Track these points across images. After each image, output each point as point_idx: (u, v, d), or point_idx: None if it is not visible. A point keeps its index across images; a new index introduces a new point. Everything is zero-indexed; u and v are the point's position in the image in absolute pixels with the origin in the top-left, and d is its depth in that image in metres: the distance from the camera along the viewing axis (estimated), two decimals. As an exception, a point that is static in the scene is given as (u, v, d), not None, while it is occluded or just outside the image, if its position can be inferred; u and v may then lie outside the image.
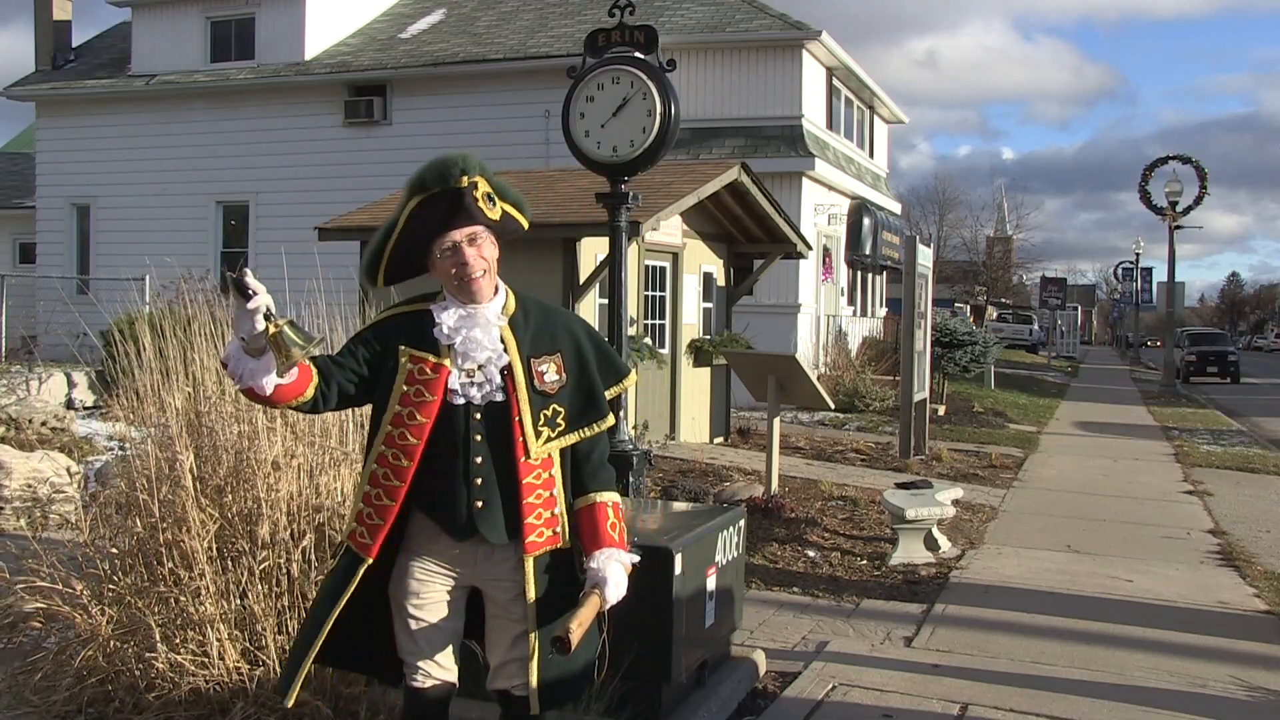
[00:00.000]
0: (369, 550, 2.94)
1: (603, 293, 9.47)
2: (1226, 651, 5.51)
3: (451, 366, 2.91)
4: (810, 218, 18.68)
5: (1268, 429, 17.94)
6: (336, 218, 12.16)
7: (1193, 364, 33.12)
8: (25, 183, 24.04)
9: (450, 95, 18.76)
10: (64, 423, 10.28)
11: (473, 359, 2.91)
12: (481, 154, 3.18)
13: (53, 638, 4.41)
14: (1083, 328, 67.78)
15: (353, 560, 2.97)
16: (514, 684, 3.03)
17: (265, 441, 4.35)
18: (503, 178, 3.10)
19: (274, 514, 4.19)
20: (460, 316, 2.92)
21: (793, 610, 6.07)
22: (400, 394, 2.90)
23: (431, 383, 2.89)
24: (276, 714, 3.82)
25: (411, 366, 2.91)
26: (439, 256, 2.90)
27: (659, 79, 6.01)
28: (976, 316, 45.11)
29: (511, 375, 2.92)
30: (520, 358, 2.94)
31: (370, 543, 2.94)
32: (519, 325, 2.97)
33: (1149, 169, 27.71)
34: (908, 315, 11.67)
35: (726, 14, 19.23)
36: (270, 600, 4.08)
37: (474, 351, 2.91)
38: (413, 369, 2.91)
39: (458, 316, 2.92)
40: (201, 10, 20.76)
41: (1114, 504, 9.79)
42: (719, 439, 13.10)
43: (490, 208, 2.93)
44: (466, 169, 2.89)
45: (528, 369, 2.94)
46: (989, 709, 4.54)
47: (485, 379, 2.91)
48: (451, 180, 2.88)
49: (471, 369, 2.91)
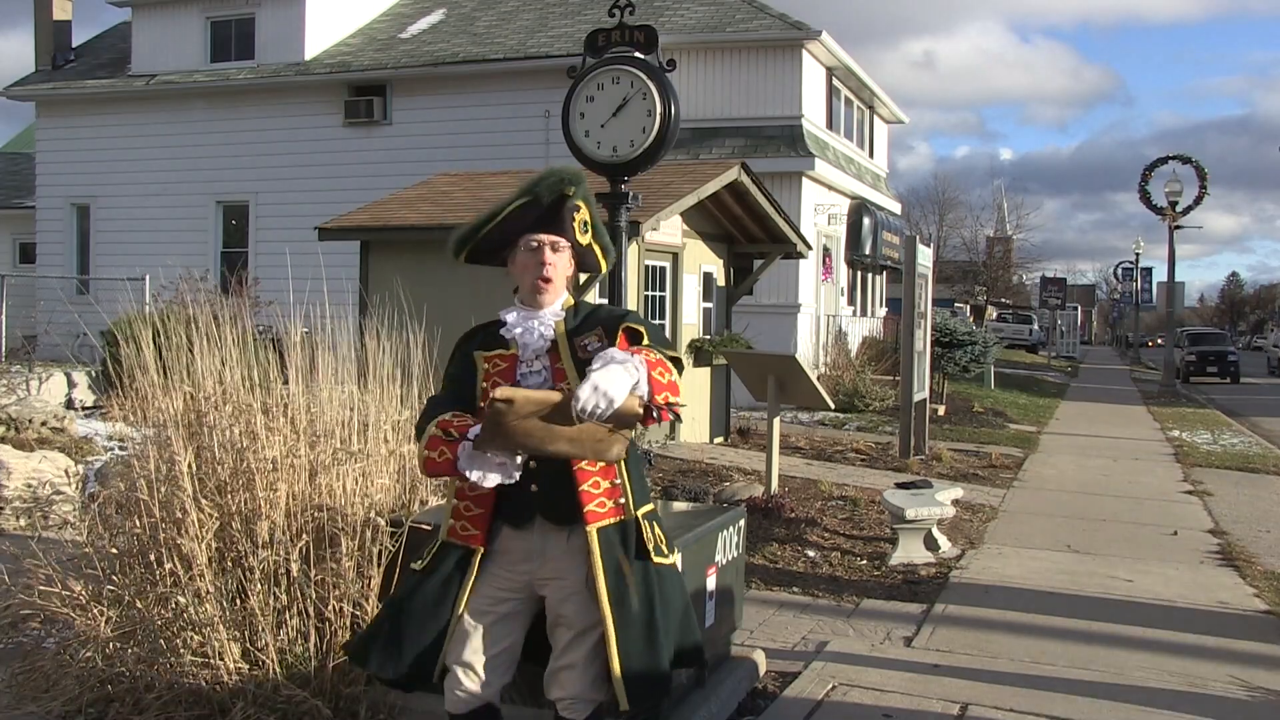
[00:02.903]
0: (476, 540, 3.06)
1: (603, 293, 9.46)
2: (1226, 651, 5.50)
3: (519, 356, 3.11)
4: (810, 218, 18.68)
5: (1267, 429, 17.93)
6: (337, 217, 12.16)
7: (1193, 364, 33.13)
8: (25, 183, 24.04)
9: (450, 95, 18.76)
10: (64, 423, 10.28)
11: (530, 347, 3.10)
12: (481, 154, 3.23)
13: (52, 638, 4.41)
14: (1082, 328, 67.79)
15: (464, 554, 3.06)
16: (559, 698, 2.99)
17: (265, 441, 4.35)
18: (502, 178, 3.14)
19: (274, 514, 4.19)
20: (523, 316, 3.14)
21: (793, 610, 6.07)
22: (480, 391, 3.10)
23: (504, 372, 3.10)
24: (276, 714, 3.82)
25: (486, 365, 3.13)
26: (522, 250, 3.13)
27: (659, 79, 6.01)
28: (976, 316, 45.10)
29: (558, 354, 3.09)
30: (566, 337, 3.11)
31: (476, 532, 3.06)
32: (571, 317, 3.17)
33: (1149, 169, 27.72)
34: (908, 315, 11.66)
35: (726, 14, 19.23)
36: (270, 600, 4.07)
37: (531, 340, 3.10)
38: (487, 366, 3.13)
39: (521, 315, 3.15)
40: (201, 10, 20.76)
41: (1114, 504, 9.79)
42: (719, 439, 13.10)
43: (582, 234, 3.19)
44: (576, 184, 3.13)
45: (570, 345, 3.09)
46: (989, 709, 4.53)
47: (541, 366, 3.09)
48: (561, 187, 3.11)
49: (530, 358, 3.10)
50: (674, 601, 3.08)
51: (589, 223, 3.22)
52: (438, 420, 3.01)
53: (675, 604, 3.09)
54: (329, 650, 4.03)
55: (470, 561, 3.04)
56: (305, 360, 4.68)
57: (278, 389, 4.63)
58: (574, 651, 2.98)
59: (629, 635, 2.93)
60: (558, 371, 3.06)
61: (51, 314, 12.31)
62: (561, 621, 3.02)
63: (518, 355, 3.10)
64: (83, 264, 21.31)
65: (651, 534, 3.07)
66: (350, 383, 4.82)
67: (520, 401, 2.79)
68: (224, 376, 4.57)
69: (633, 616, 2.95)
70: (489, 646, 3.01)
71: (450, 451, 2.94)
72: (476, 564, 3.04)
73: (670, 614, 3.05)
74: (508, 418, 2.78)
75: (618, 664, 2.90)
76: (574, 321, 3.15)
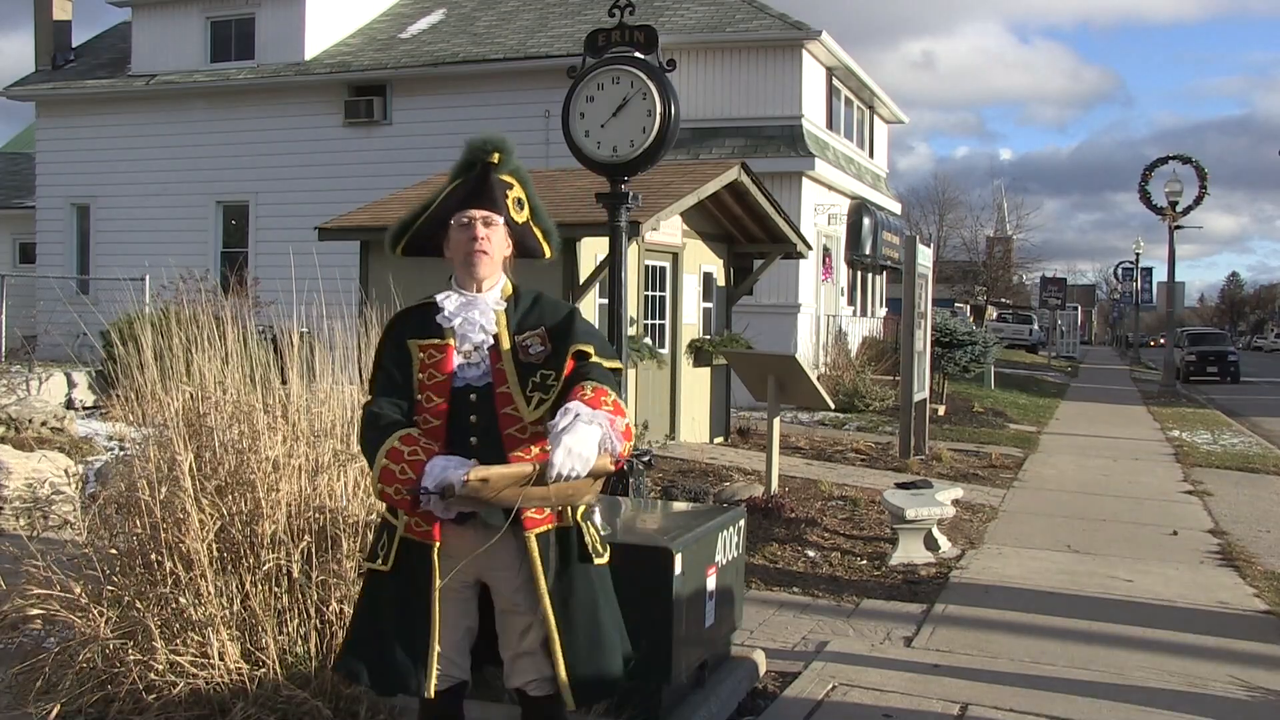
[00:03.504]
0: (431, 536, 2.99)
1: (603, 293, 9.46)
2: (1226, 651, 5.50)
3: (455, 347, 3.02)
4: (810, 218, 18.67)
5: (1267, 429, 17.93)
6: (337, 217, 12.15)
7: (1193, 364, 33.12)
8: (25, 183, 24.03)
9: (450, 95, 18.76)
10: (64, 423, 10.28)
11: (470, 340, 3.02)
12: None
13: (52, 638, 4.41)
14: (1082, 328, 67.79)
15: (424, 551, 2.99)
16: (527, 680, 3.03)
17: (266, 442, 4.35)
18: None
19: (274, 514, 4.19)
20: (461, 303, 3.05)
21: (793, 610, 6.07)
22: (418, 382, 3.02)
23: (440, 363, 3.01)
24: (277, 714, 3.82)
25: (421, 355, 3.03)
26: (454, 228, 3.05)
27: (659, 79, 6.01)
28: (976, 316, 45.08)
29: (499, 353, 3.01)
30: (508, 335, 3.04)
31: (429, 528, 2.99)
32: (511, 310, 3.08)
33: (1149, 169, 27.71)
34: (908, 315, 11.66)
35: (726, 14, 19.23)
36: (271, 600, 4.07)
37: (471, 333, 3.03)
38: (423, 356, 3.03)
39: (458, 303, 3.05)
40: (201, 10, 20.75)
41: (1114, 504, 9.79)
42: (719, 439, 13.10)
43: (517, 210, 3.10)
44: (500, 149, 3.05)
45: (514, 345, 3.03)
46: (989, 709, 4.53)
47: (480, 359, 3.02)
48: (483, 154, 3.03)
49: (469, 350, 3.02)
50: (615, 598, 3.14)
51: (524, 200, 3.13)
52: (388, 450, 2.88)
53: (616, 601, 3.14)
54: (329, 651, 4.03)
55: (430, 559, 3.00)
56: (305, 360, 4.68)
57: (277, 389, 4.63)
58: (531, 639, 3.02)
59: (574, 637, 2.97)
60: (498, 373, 3.00)
61: (51, 314, 12.33)
62: (516, 610, 3.02)
63: (454, 346, 3.02)
64: (83, 264, 21.30)
65: (589, 536, 3.09)
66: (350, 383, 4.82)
67: (495, 479, 2.72)
68: (225, 376, 4.57)
69: (577, 619, 2.99)
70: (454, 630, 3.05)
71: (407, 489, 2.84)
72: (437, 561, 3.00)
73: (615, 611, 3.11)
74: (483, 494, 2.73)
75: (563, 667, 2.95)
76: (515, 315, 3.07)
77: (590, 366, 2.97)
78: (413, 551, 3.01)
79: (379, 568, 3.06)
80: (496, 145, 3.05)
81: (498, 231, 3.05)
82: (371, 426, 2.96)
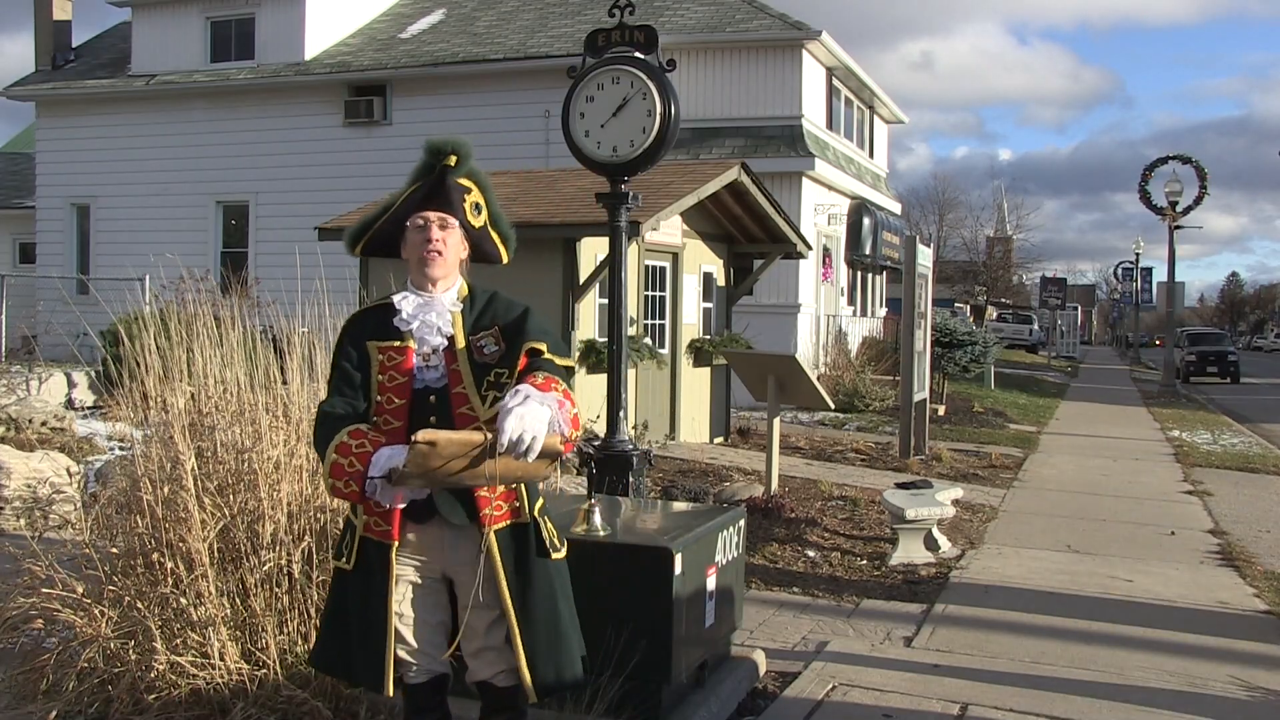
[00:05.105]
0: (390, 535, 3.03)
1: (603, 293, 9.47)
2: (1226, 651, 5.51)
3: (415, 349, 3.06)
4: (810, 218, 18.68)
5: (1267, 429, 17.94)
6: (337, 217, 12.15)
7: (1193, 364, 33.11)
8: (25, 183, 24.04)
9: (450, 95, 18.77)
10: (64, 423, 10.28)
11: (428, 343, 3.06)
12: (481, 154, 3.23)
13: (53, 638, 4.40)
14: (1083, 328, 67.81)
15: (381, 550, 3.03)
16: (494, 672, 3.09)
17: (267, 442, 4.35)
18: (503, 178, 3.15)
19: (276, 514, 4.19)
20: (418, 304, 3.08)
21: (793, 610, 6.07)
22: (377, 384, 3.05)
23: (400, 365, 3.04)
24: (277, 714, 3.82)
25: (381, 357, 3.06)
26: (410, 230, 3.10)
27: (659, 79, 6.01)
28: (976, 316, 45.09)
29: (454, 354, 3.05)
30: (464, 336, 3.08)
31: (388, 527, 3.03)
32: (467, 310, 3.12)
33: (1149, 169, 27.70)
34: (908, 315, 11.67)
35: (726, 14, 19.23)
36: (272, 601, 4.08)
37: (429, 336, 3.06)
38: (382, 359, 3.06)
39: (416, 304, 3.09)
40: (201, 10, 20.76)
41: (1114, 504, 9.79)
42: (719, 439, 13.10)
43: (475, 215, 3.13)
44: (457, 151, 3.10)
45: (469, 345, 3.06)
46: (989, 709, 4.54)
47: (438, 362, 3.05)
48: (440, 156, 3.09)
49: (427, 353, 3.06)
50: (571, 592, 3.19)
51: (482, 205, 3.17)
52: (337, 444, 2.92)
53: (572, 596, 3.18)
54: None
55: (388, 557, 3.04)
56: (305, 360, 4.68)
57: (278, 389, 4.63)
58: (496, 633, 3.07)
59: (533, 632, 3.03)
60: (454, 374, 3.04)
61: (52, 314, 12.32)
62: (480, 604, 3.05)
63: (413, 349, 3.06)
64: (83, 264, 21.31)
65: (547, 531, 3.14)
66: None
67: (443, 444, 2.73)
68: (226, 376, 4.57)
69: (536, 614, 3.04)
70: (424, 626, 3.10)
71: (355, 482, 2.89)
72: (394, 559, 3.04)
73: (571, 605, 3.16)
74: (431, 460, 2.74)
75: (524, 661, 3.01)
76: (470, 316, 3.11)
77: (543, 363, 3.02)
78: (371, 551, 3.06)
79: (342, 566, 3.13)
80: (454, 148, 3.11)
81: (453, 234, 3.10)
82: (322, 424, 3.02)
